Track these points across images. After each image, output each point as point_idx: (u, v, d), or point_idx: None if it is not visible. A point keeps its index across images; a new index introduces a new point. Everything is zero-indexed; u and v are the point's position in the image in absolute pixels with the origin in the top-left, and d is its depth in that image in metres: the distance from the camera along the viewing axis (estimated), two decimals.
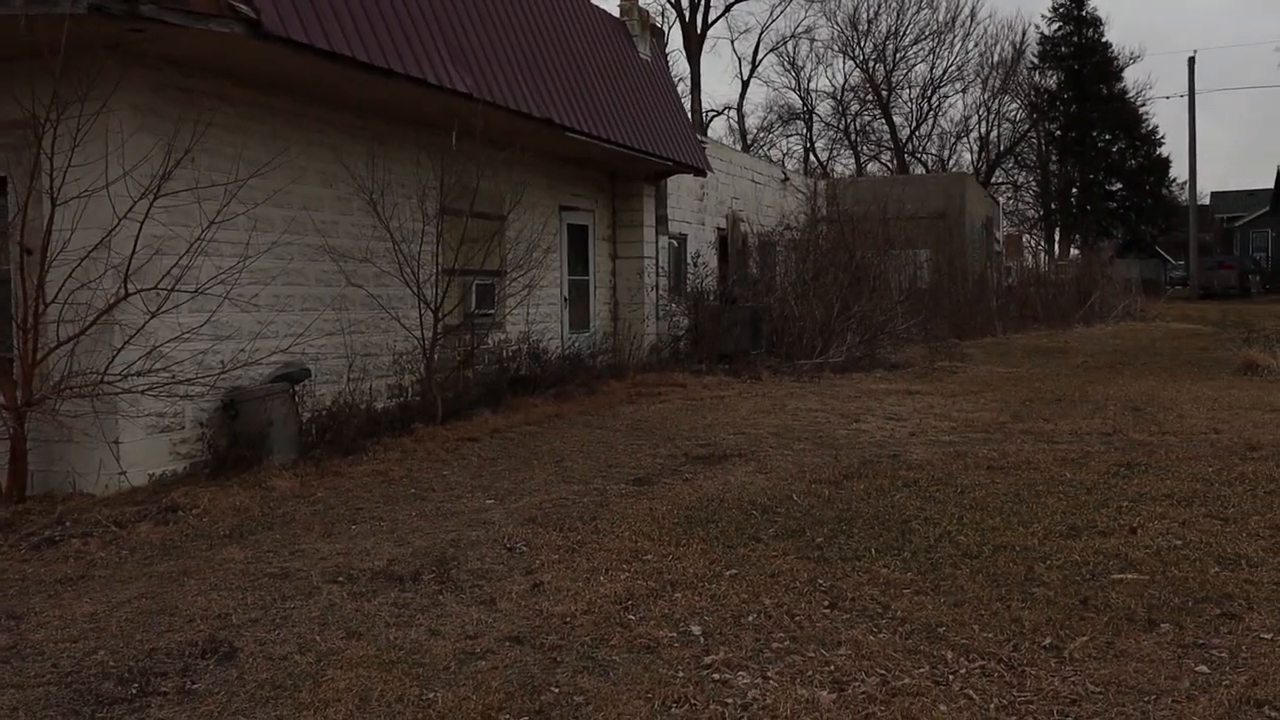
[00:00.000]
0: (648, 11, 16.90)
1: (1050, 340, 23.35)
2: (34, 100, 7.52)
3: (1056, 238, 61.44)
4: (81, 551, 6.57)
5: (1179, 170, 61.09)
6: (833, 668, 4.27)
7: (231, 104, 9.01)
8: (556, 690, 4.13)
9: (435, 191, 10.82)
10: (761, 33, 65.59)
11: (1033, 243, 57.86)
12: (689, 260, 18.40)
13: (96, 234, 7.80)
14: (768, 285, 18.13)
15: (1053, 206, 62.16)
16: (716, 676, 4.22)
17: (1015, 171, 63.44)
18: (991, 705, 3.90)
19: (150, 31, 7.62)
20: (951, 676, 4.16)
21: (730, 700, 3.98)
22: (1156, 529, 6.12)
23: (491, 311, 12.70)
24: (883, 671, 4.21)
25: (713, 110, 59.51)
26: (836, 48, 66.44)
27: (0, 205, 8.46)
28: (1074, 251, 49.98)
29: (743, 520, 6.61)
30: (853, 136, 60.76)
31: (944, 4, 74.69)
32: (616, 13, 16.48)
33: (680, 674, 4.25)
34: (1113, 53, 60.22)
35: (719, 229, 20.02)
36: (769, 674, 4.24)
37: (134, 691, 4.34)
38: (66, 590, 5.83)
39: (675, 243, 17.93)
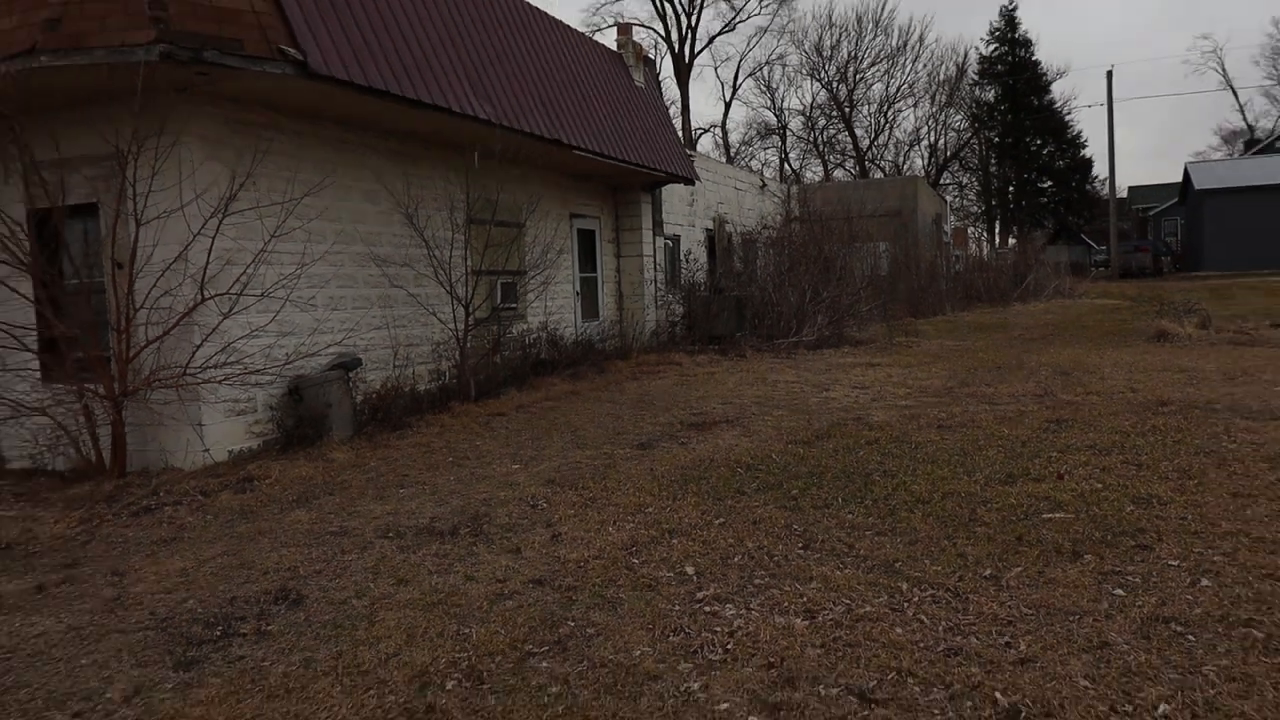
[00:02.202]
0: (641, 45, 16.81)
1: (992, 317, 23.32)
2: (117, 136, 7.55)
3: (996, 229, 61.24)
4: (173, 517, 6.63)
5: (1100, 169, 61.05)
6: (805, 599, 4.31)
7: (286, 134, 9.00)
8: (572, 624, 4.17)
9: (463, 204, 10.83)
10: (740, 61, 65.91)
11: (976, 234, 57.61)
12: (682, 257, 18.42)
13: (175, 249, 7.83)
14: (750, 277, 18.11)
15: (993, 203, 61.93)
16: (708, 609, 4.27)
17: (960, 173, 63.19)
18: (940, 627, 3.93)
19: (213, 74, 7.62)
20: (906, 604, 4.20)
21: (719, 629, 4.02)
22: (1081, 475, 6.14)
23: (515, 305, 12.73)
24: (848, 601, 4.25)
25: (700, 128, 59.39)
26: (805, 71, 66.59)
27: (94, 227, 8.48)
28: (1011, 241, 49.78)
29: (730, 477, 6.63)
30: (820, 147, 60.55)
31: (896, 31, 74.64)
32: (614, 47, 16.42)
33: (677, 608, 4.30)
34: (1042, 69, 59.92)
35: (707, 230, 19.98)
36: (752, 606, 4.28)
37: (218, 633, 4.40)
38: (161, 550, 5.88)
39: (670, 243, 17.91)
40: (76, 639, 4.48)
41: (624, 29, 16.70)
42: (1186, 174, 51.99)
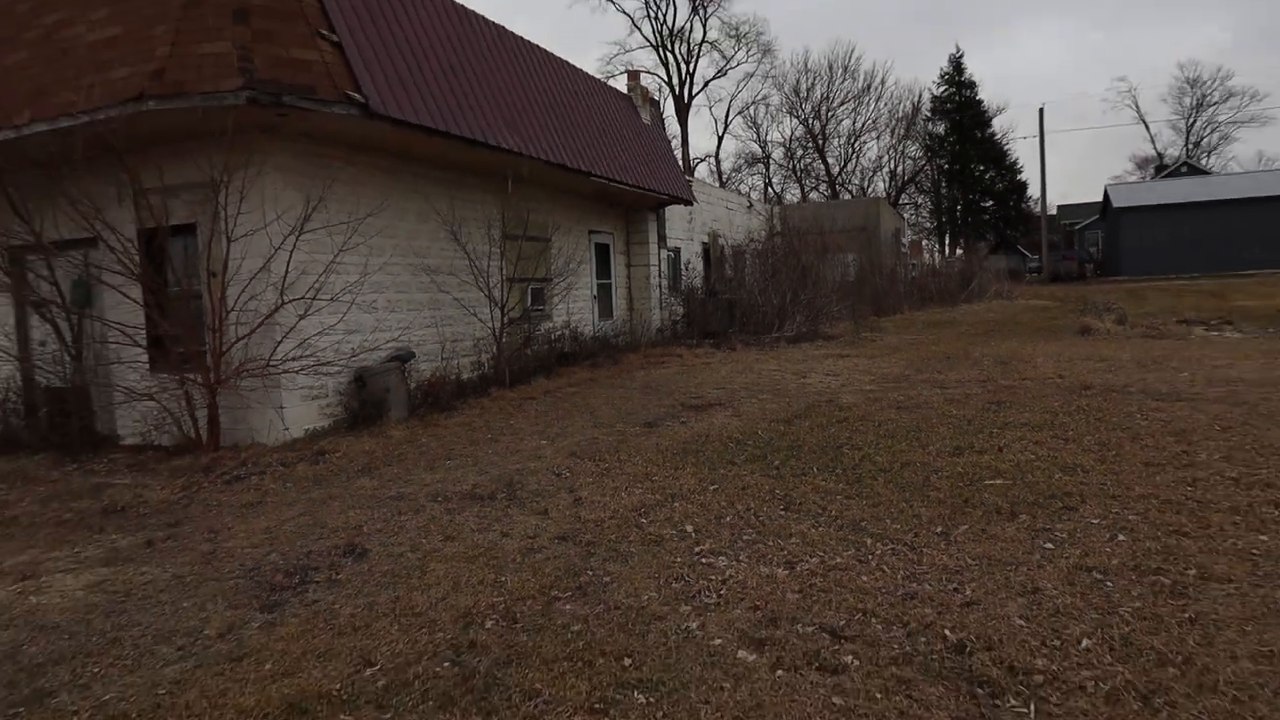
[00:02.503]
0: (647, 89, 16.76)
1: (943, 315, 23.16)
2: (211, 167, 7.54)
3: (946, 241, 60.73)
4: (259, 485, 6.63)
5: (1033, 190, 60.55)
6: (786, 552, 4.28)
7: (351, 164, 8.96)
8: (591, 573, 4.15)
9: (498, 222, 10.79)
10: (730, 101, 65.62)
11: (930, 245, 57.16)
12: (683, 266, 18.33)
13: (259, 261, 7.81)
14: (739, 282, 17.99)
15: (943, 219, 61.43)
16: (704, 560, 4.25)
17: (916, 195, 62.69)
18: (899, 575, 3.90)
19: (290, 115, 7.61)
20: (870, 556, 4.17)
21: (713, 577, 4.00)
22: (1017, 448, 6.06)
23: (543, 307, 12.70)
24: (822, 554, 4.22)
25: (698, 158, 59.05)
26: (785, 110, 66.21)
27: (192, 243, 8.48)
28: (959, 251, 49.41)
29: (722, 450, 6.58)
30: (798, 173, 60.18)
31: (862, 75, 73.73)
32: (624, 89, 16.35)
33: (678, 559, 4.27)
34: (984, 107, 59.32)
35: (704, 243, 19.89)
36: (741, 558, 4.25)
37: (296, 581, 4.40)
38: (248, 512, 5.88)
39: (672, 254, 17.84)
40: (179, 585, 4.49)
41: (633, 75, 16.65)
42: (1106, 194, 51.56)
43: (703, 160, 59.59)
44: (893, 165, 60.95)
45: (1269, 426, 6.26)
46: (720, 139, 77.42)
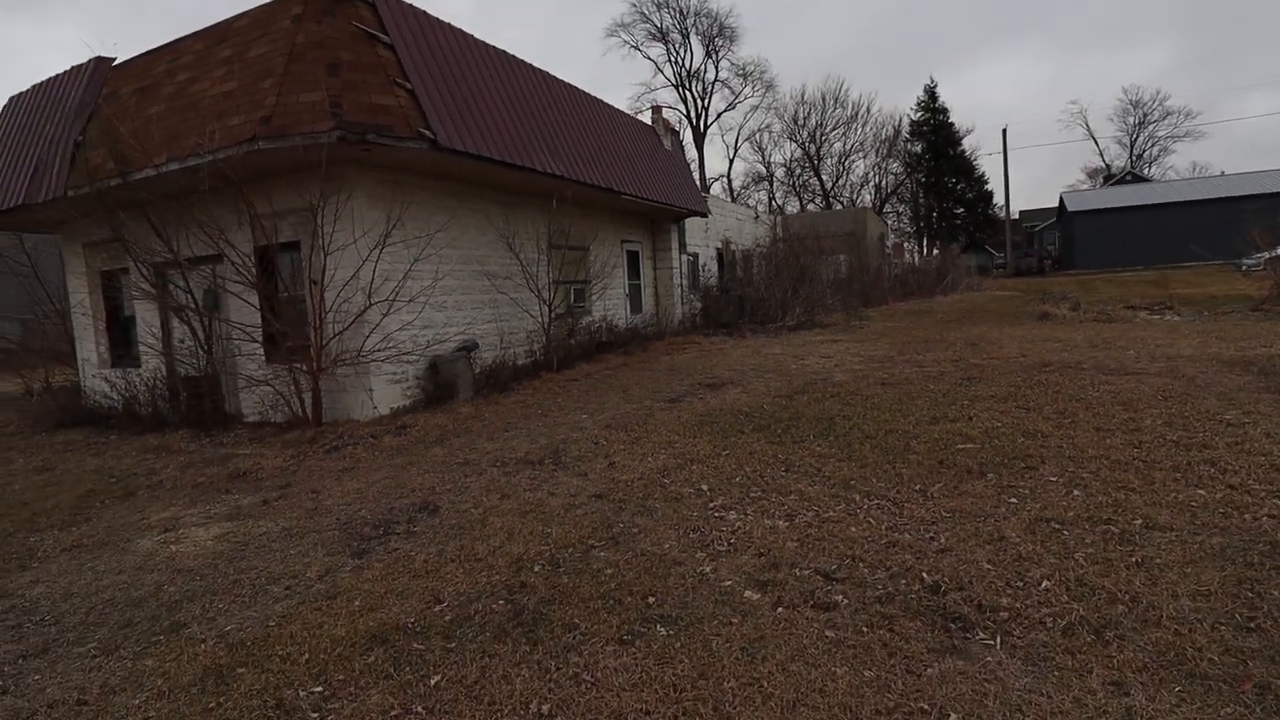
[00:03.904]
0: (668, 120, 16.49)
1: (921, 306, 22.68)
2: (310, 194, 7.59)
3: (924, 243, 59.36)
4: (352, 454, 6.66)
5: (999, 199, 58.93)
6: (786, 507, 4.17)
7: (424, 188, 8.95)
8: (622, 526, 4.09)
9: (544, 235, 10.72)
10: (739, 129, 64.59)
11: (910, 247, 55.90)
12: (700, 268, 18.14)
13: (350, 270, 7.83)
14: (748, 281, 17.74)
15: (921, 225, 60.03)
16: (716, 515, 4.15)
17: (897, 204, 61.18)
18: (883, 526, 3.78)
19: (374, 150, 7.60)
20: (859, 510, 4.04)
21: (724, 529, 3.91)
22: (985, 417, 5.83)
23: (583, 304, 12.62)
24: (817, 509, 4.10)
25: (713, 178, 58.37)
26: (785, 135, 65.10)
27: (297, 257, 8.55)
28: (935, 251, 48.26)
29: (733, 421, 6.46)
30: (797, 189, 59.08)
31: (850, 104, 72.50)
32: (649, 121, 16.15)
33: (695, 514, 4.18)
34: (955, 129, 57.70)
35: (718, 249, 19.65)
36: (748, 512, 4.15)
37: (381, 532, 4.40)
38: (344, 475, 5.91)
39: (691, 258, 17.65)
40: (287, 536, 4.52)
41: (656, 110, 16.37)
42: (1061, 200, 49.97)
43: (717, 180, 58.89)
44: (878, 180, 59.74)
45: (1204, 396, 5.97)
46: (731, 162, 76.70)
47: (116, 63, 9.48)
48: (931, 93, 58.44)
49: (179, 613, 3.50)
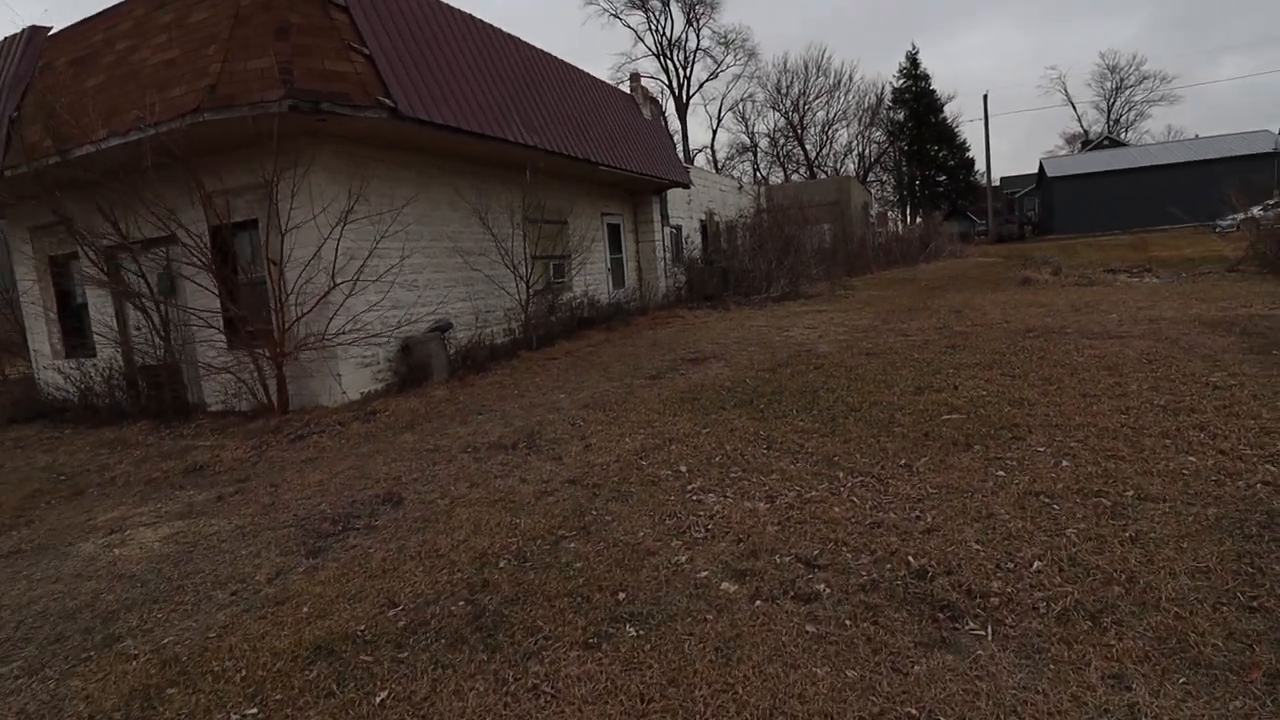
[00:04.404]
0: (647, 89, 16.06)
1: (905, 274, 22.56)
2: (264, 169, 7.19)
3: (907, 211, 59.20)
4: (317, 442, 6.39)
5: (980, 165, 58.95)
6: (767, 488, 3.98)
7: (388, 161, 8.54)
8: (595, 513, 3.88)
9: (519, 209, 10.35)
10: (722, 99, 63.38)
11: (894, 215, 55.75)
12: (684, 241, 17.84)
13: (310, 250, 7.48)
14: (732, 252, 17.42)
15: (904, 193, 59.80)
16: (695, 498, 3.95)
17: (881, 173, 60.77)
18: (867, 505, 3.61)
19: (330, 120, 7.20)
20: (842, 488, 3.86)
21: (702, 513, 3.72)
22: (971, 385, 5.68)
23: (563, 279, 12.30)
24: (799, 488, 3.92)
25: (697, 149, 57.83)
26: (768, 105, 64.50)
27: (257, 236, 8.16)
28: (918, 219, 48.13)
29: (715, 397, 6.25)
30: (781, 159, 58.42)
31: (833, 73, 71.91)
32: (627, 89, 15.70)
33: (672, 498, 3.99)
34: (937, 96, 57.22)
35: (701, 220, 19.32)
36: (728, 494, 3.96)
37: (340, 528, 4.16)
38: (306, 466, 5.65)
39: (674, 231, 17.32)
40: (240, 535, 4.28)
41: (634, 78, 15.92)
42: (1041, 166, 49.99)
43: (701, 151, 58.30)
44: (861, 149, 59.30)
45: (1189, 359, 5.85)
46: (714, 132, 75.25)
47: (53, 32, 8.92)
48: (913, 60, 57.93)
49: (115, 624, 3.26)
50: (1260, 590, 2.45)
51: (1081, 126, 67.05)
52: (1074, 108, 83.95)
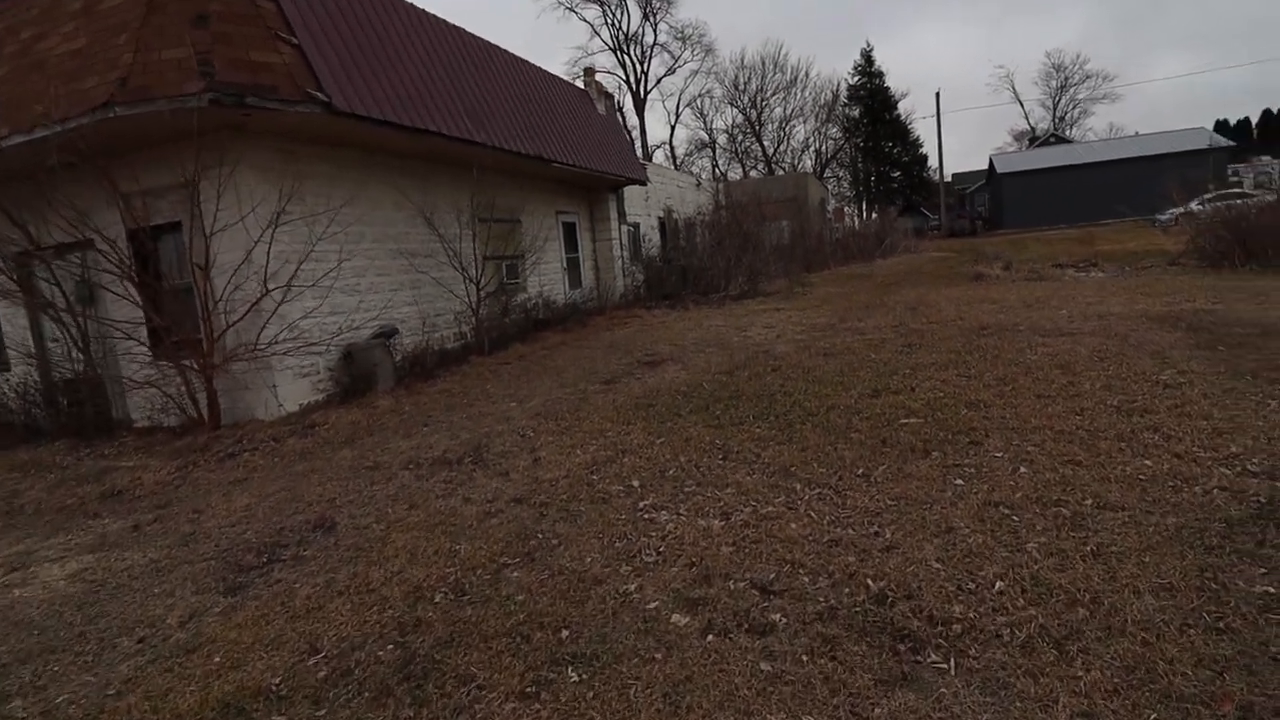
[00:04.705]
0: (601, 84, 15.75)
1: (862, 269, 22.76)
2: (185, 168, 6.76)
3: (863, 207, 60.11)
4: (248, 461, 6.03)
5: (933, 161, 60.35)
6: (722, 503, 3.82)
7: (323, 159, 8.14)
8: (541, 535, 3.67)
9: (468, 208, 10.00)
10: (680, 95, 63.94)
11: (850, 211, 56.47)
12: (642, 238, 17.65)
13: (240, 254, 7.07)
14: (691, 250, 17.23)
15: (860, 188, 60.72)
16: (647, 516, 3.77)
17: (837, 169, 61.59)
18: (825, 520, 3.47)
19: (256, 115, 6.80)
20: (799, 502, 3.72)
21: (654, 533, 3.54)
22: (927, 387, 5.62)
23: (517, 280, 11.97)
24: (755, 503, 3.76)
25: (655, 145, 57.44)
26: (726, 101, 64.75)
27: (180, 240, 7.70)
28: (874, 214, 48.86)
29: (671, 403, 6.06)
30: (740, 155, 58.64)
31: (789, 69, 72.50)
32: (581, 84, 15.41)
33: (623, 516, 3.80)
34: (891, 93, 58.33)
35: (660, 217, 19.16)
36: (681, 511, 3.79)
37: (264, 560, 3.87)
38: (234, 489, 5.30)
39: (632, 228, 17.12)
40: (154, 571, 3.95)
41: (589, 71, 15.63)
42: (991, 162, 51.30)
43: (659, 147, 58.08)
44: (818, 145, 60.01)
45: (1139, 356, 5.91)
46: (673, 128, 75.24)
47: None
48: (868, 57, 58.85)
49: (6, 680, 2.93)
50: (1225, 609, 2.38)
51: (1029, 124, 69.08)
52: (1021, 105, 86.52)
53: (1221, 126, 57.98)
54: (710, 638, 2.57)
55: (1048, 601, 2.54)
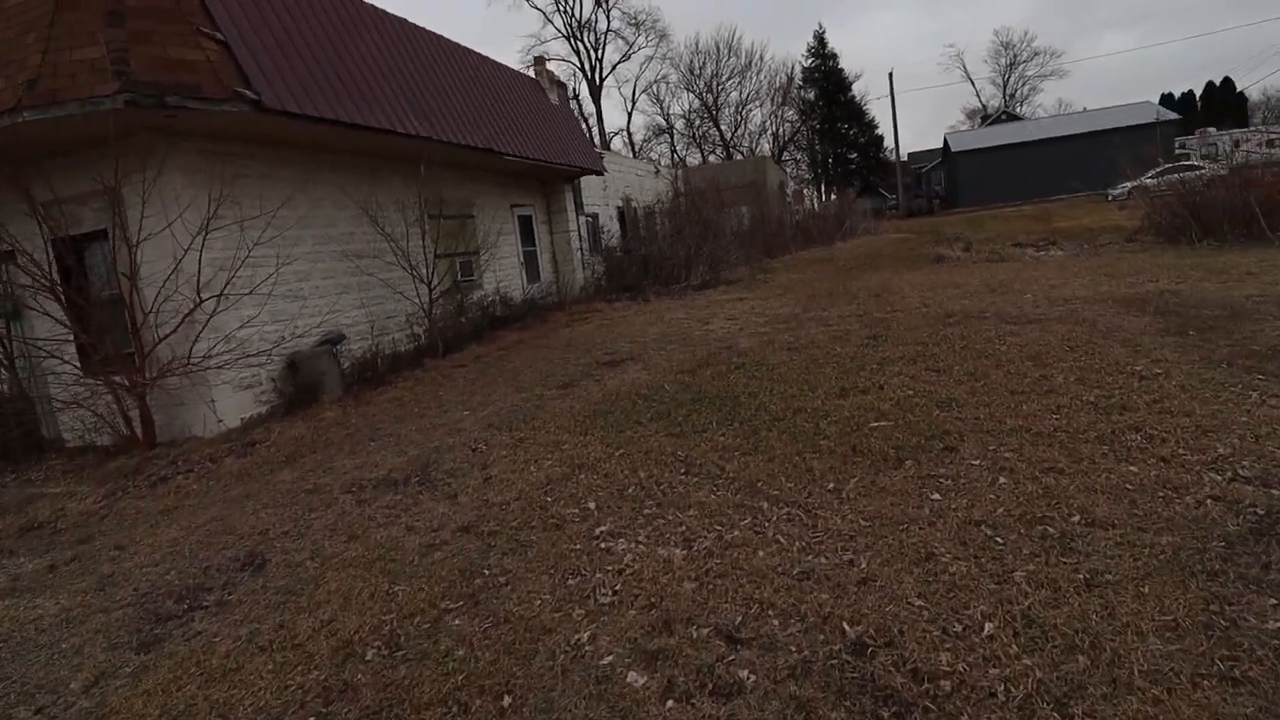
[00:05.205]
0: (553, 72, 15.19)
1: (823, 253, 22.57)
2: (103, 175, 6.17)
3: (822, 189, 60.16)
4: (181, 486, 5.52)
5: (889, 142, 60.35)
6: (684, 528, 3.47)
7: (258, 159, 7.57)
8: (488, 573, 3.29)
9: (416, 205, 9.46)
10: (636, 81, 63.21)
11: (809, 193, 56.45)
12: (600, 229, 17.17)
13: (169, 262, 6.52)
14: (651, 239, 16.82)
15: (818, 170, 60.60)
16: (603, 545, 3.41)
17: (795, 152, 61.33)
18: (795, 546, 3.15)
19: (181, 115, 6.22)
20: (767, 524, 3.39)
21: (610, 567, 3.18)
22: (896, 384, 5.31)
23: (473, 277, 11.46)
24: (719, 528, 3.41)
25: (612, 132, 56.70)
26: (682, 86, 63.96)
27: (107, 248, 7.10)
28: (833, 196, 48.88)
29: (630, 408, 5.68)
30: (698, 140, 58.18)
31: (744, 53, 72.00)
32: (532, 74, 14.82)
33: (578, 546, 3.43)
34: (845, 75, 58.02)
35: (619, 207, 18.68)
36: (640, 538, 3.43)
37: (185, 607, 3.44)
38: (163, 519, 4.82)
39: (590, 219, 16.62)
40: (64, 622, 3.49)
41: (539, 60, 15.03)
42: (945, 141, 51.54)
43: (616, 134, 57.30)
44: (775, 128, 59.71)
45: (1110, 344, 5.69)
46: (630, 115, 74.77)
47: None
48: (821, 39, 58.54)
49: None
50: (1239, 652, 2.10)
51: (980, 102, 69.64)
52: (973, 84, 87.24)
53: (1167, 100, 58.84)
54: (670, 703, 2.23)
55: (1043, 648, 2.25)
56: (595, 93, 49.19)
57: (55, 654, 3.21)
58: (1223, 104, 58.65)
